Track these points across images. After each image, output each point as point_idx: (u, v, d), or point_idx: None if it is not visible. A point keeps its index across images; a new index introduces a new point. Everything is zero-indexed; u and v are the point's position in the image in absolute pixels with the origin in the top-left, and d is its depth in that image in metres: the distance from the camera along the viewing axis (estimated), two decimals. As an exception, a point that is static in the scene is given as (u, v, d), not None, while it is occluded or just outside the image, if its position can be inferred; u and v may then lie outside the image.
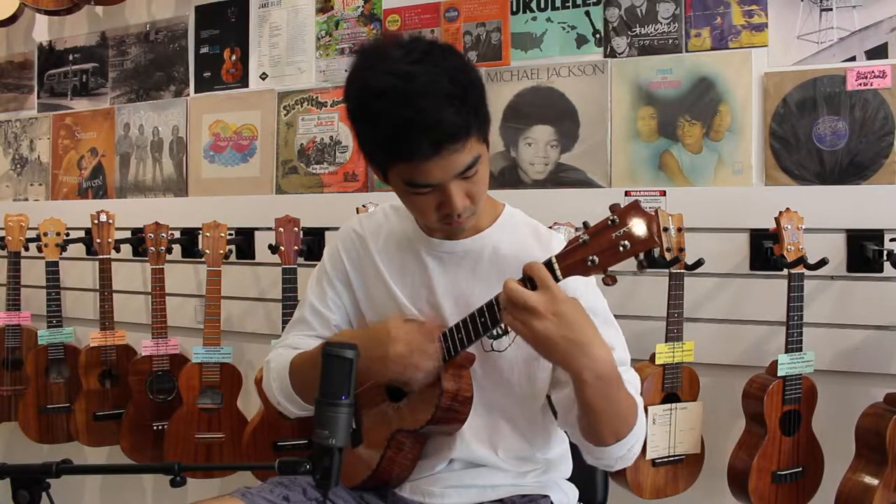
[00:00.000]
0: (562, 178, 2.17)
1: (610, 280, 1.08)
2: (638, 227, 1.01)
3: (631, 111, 2.10)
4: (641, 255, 1.05)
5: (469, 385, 1.25)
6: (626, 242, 1.01)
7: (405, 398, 1.29)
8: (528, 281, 1.07)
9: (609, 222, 1.03)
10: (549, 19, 2.19)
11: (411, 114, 1.09)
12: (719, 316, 1.98)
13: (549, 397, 1.32)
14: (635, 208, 1.02)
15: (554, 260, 1.08)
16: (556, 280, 1.07)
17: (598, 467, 1.26)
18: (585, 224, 1.08)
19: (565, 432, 1.33)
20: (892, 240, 1.81)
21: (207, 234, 2.29)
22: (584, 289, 1.26)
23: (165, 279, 2.39)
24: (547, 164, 2.19)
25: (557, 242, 1.29)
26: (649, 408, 1.79)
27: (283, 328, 2.11)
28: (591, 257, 1.04)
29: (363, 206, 2.10)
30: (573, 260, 1.06)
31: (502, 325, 1.18)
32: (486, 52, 2.27)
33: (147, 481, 2.85)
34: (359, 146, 1.23)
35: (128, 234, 2.63)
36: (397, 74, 1.10)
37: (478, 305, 1.18)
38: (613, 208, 1.03)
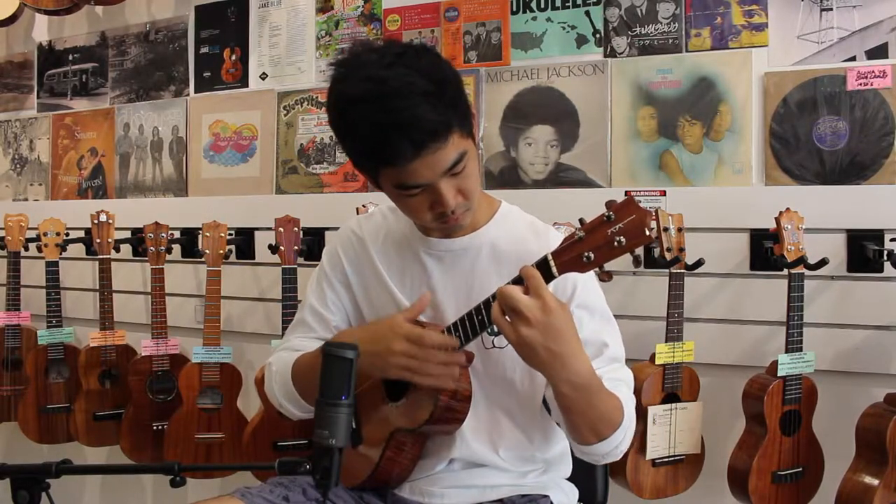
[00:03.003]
0: (562, 178, 2.17)
1: (605, 277, 1.08)
2: (633, 222, 1.01)
3: (631, 111, 2.10)
4: (638, 251, 1.05)
5: (468, 384, 1.25)
6: (622, 238, 1.02)
7: (404, 397, 1.29)
8: (524, 283, 1.08)
9: (605, 218, 1.03)
10: (549, 19, 2.19)
11: (388, 116, 1.09)
12: (719, 316, 1.98)
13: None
14: (631, 204, 1.02)
15: (550, 257, 1.08)
16: (553, 277, 1.07)
17: (586, 461, 1.27)
18: (581, 220, 1.07)
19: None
20: (892, 240, 1.81)
21: (207, 234, 2.29)
22: (582, 284, 1.27)
23: (165, 279, 2.39)
24: (547, 164, 2.18)
25: (554, 237, 1.30)
26: (649, 408, 1.79)
27: (283, 328, 2.13)
28: (586, 254, 1.04)
29: (363, 206, 2.09)
30: (569, 256, 1.06)
31: None
32: (486, 52, 2.26)
33: (147, 481, 2.85)
34: (347, 157, 1.24)
35: (128, 234, 2.62)
36: (371, 80, 1.11)
37: (477, 303, 1.18)
38: (609, 204, 1.04)
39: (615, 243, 1.02)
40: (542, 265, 1.08)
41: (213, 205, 2.59)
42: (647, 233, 1.01)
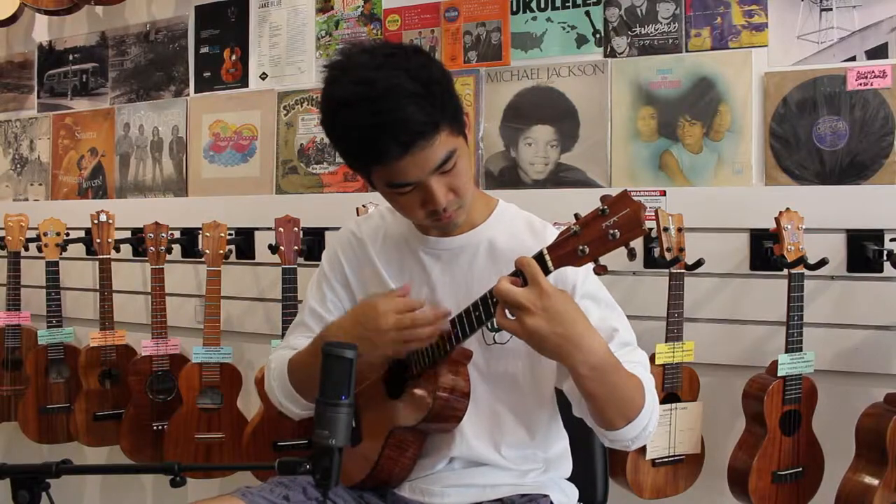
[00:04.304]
0: (562, 178, 2.17)
1: (601, 269, 1.09)
2: (627, 216, 1.02)
3: (631, 111, 2.10)
4: (633, 245, 1.06)
5: (466, 381, 1.25)
6: (616, 232, 1.02)
7: (403, 395, 1.29)
8: (520, 275, 1.08)
9: (599, 212, 1.04)
10: (549, 19, 2.19)
11: (376, 118, 1.11)
12: (719, 316, 1.98)
13: (558, 390, 1.33)
14: (625, 198, 1.03)
15: (545, 251, 1.09)
16: (548, 272, 1.08)
17: (616, 449, 1.28)
18: (577, 215, 1.08)
19: (580, 420, 1.34)
20: (892, 240, 1.81)
21: (207, 234, 2.29)
22: (582, 276, 1.27)
23: (165, 279, 2.39)
24: (547, 164, 2.18)
25: (552, 234, 1.30)
26: (649, 408, 1.79)
27: (283, 328, 2.14)
28: (581, 247, 1.05)
29: (363, 206, 2.09)
30: (564, 251, 1.07)
31: None
32: (486, 52, 2.26)
33: (147, 481, 2.85)
34: (340, 157, 1.25)
35: (128, 234, 2.63)
36: (360, 82, 1.13)
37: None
38: (604, 199, 1.05)
39: (609, 236, 1.03)
40: (538, 260, 1.08)
41: (213, 205, 2.59)
42: (641, 226, 1.01)
